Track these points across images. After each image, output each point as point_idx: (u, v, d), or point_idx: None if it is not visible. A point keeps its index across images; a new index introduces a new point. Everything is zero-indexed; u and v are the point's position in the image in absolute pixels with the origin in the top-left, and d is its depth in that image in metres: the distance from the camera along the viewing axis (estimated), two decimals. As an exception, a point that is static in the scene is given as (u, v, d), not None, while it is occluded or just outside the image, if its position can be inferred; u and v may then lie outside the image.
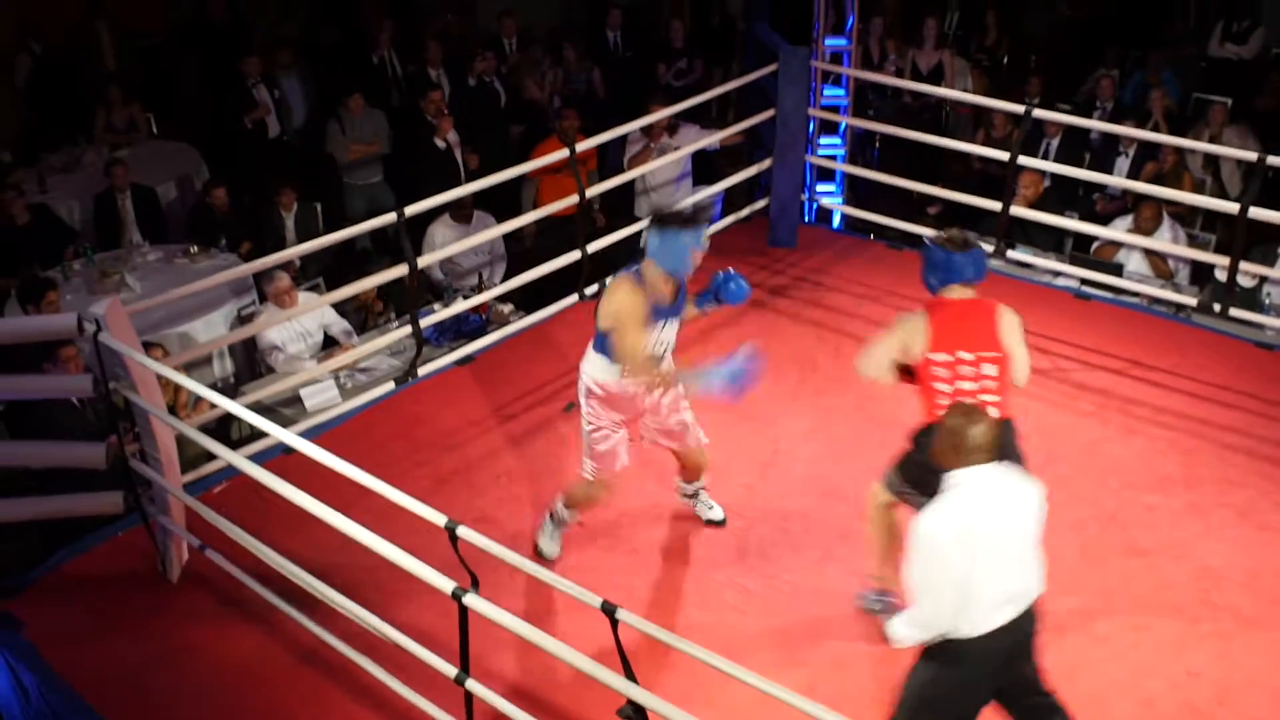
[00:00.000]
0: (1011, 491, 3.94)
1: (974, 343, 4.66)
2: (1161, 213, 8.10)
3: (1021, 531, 3.95)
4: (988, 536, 3.86)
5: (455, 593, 3.98)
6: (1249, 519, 5.85)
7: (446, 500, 5.95)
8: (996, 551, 3.87)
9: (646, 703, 3.61)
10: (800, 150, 8.29)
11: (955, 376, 4.65)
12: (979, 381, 4.65)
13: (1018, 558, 3.95)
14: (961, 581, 3.83)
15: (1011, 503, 3.93)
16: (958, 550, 3.82)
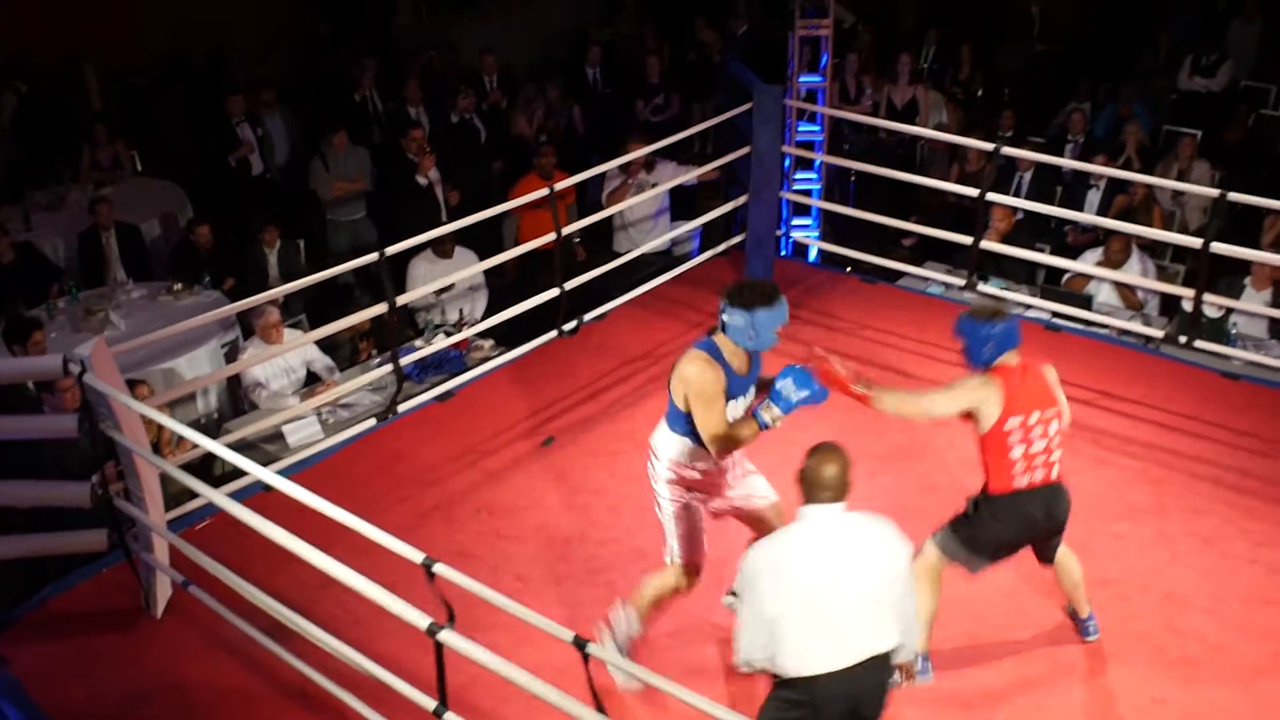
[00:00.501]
0: (855, 538, 3.90)
1: (1042, 401, 4.78)
2: (1130, 245, 8.25)
3: (859, 580, 3.84)
4: (806, 576, 3.82)
5: (430, 629, 4.06)
6: (1214, 546, 5.97)
7: (427, 535, 6.05)
8: (815, 593, 3.81)
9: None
10: (775, 186, 8.43)
11: (1028, 439, 4.74)
12: (1047, 439, 4.79)
13: (849, 605, 3.84)
14: (770, 617, 3.82)
15: (851, 549, 3.87)
16: (768, 583, 3.84)
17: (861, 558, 3.88)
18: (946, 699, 5.04)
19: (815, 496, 3.92)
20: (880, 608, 3.89)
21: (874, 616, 3.89)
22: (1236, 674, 5.16)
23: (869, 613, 3.87)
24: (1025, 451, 4.74)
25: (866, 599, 3.86)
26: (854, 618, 3.86)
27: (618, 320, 8.07)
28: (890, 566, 3.92)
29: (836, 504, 3.93)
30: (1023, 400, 4.72)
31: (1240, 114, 10.76)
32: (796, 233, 9.29)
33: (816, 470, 3.93)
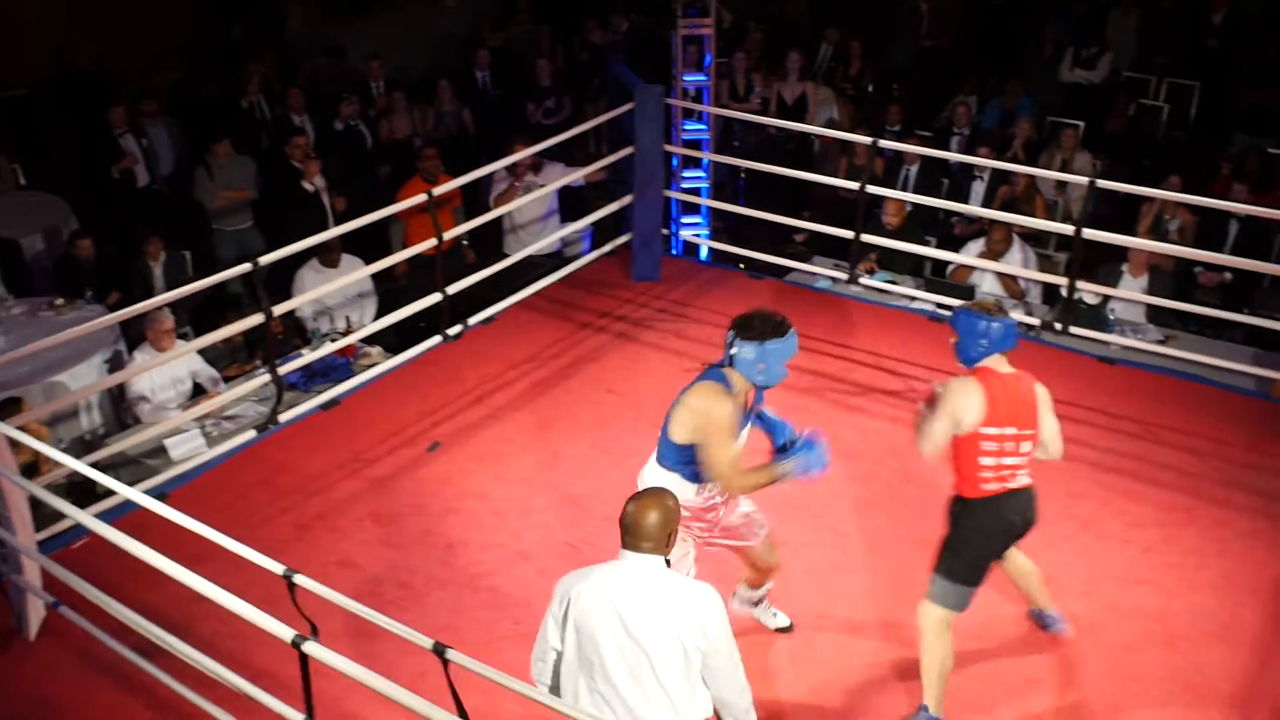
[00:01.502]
0: (664, 600, 3.59)
1: (1021, 419, 4.63)
2: (1011, 235, 8.38)
3: (650, 643, 3.58)
4: (594, 624, 3.62)
5: (295, 640, 4.01)
6: (1090, 529, 6.08)
7: (308, 546, 5.99)
8: (597, 644, 3.63)
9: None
10: (659, 185, 8.45)
11: (1002, 452, 4.62)
12: (1019, 457, 4.67)
13: (628, 668, 3.62)
14: (552, 645, 3.75)
15: (653, 610, 3.58)
16: (557, 611, 3.70)
17: (663, 624, 3.58)
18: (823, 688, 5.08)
19: (633, 545, 3.64)
20: (660, 680, 3.62)
21: (646, 686, 3.63)
22: (1108, 653, 5.26)
23: (642, 681, 3.62)
24: (997, 463, 4.64)
25: (643, 666, 3.61)
26: (626, 681, 3.63)
27: (505, 323, 8.04)
28: (694, 639, 3.60)
29: (655, 556, 3.65)
30: (1005, 412, 4.58)
31: (1120, 104, 10.97)
32: (686, 231, 9.33)
33: (636, 517, 3.65)
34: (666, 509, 3.69)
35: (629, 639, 3.60)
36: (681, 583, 3.71)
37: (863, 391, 7.29)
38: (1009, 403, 4.59)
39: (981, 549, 4.77)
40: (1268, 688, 5.05)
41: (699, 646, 3.62)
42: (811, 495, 6.21)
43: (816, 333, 7.88)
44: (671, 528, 3.71)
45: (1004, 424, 4.58)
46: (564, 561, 5.83)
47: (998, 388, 4.59)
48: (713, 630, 3.62)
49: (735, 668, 3.73)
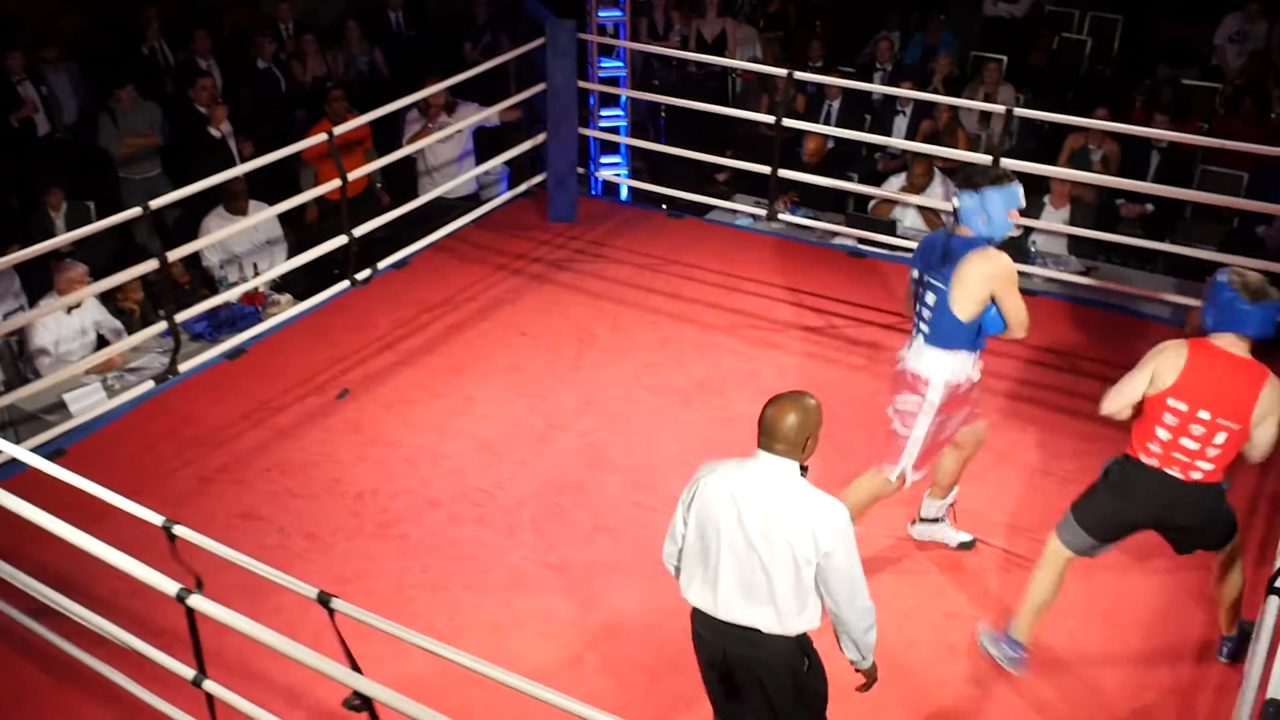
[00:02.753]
0: (785, 505, 3.52)
1: (1221, 406, 4.22)
2: (932, 169, 8.28)
3: (758, 546, 3.53)
4: (711, 513, 3.60)
5: (180, 594, 3.84)
6: (1009, 460, 6.02)
7: (211, 498, 5.81)
8: (710, 533, 3.61)
9: (371, 692, 3.53)
10: (573, 123, 8.25)
11: (1181, 432, 4.28)
12: (1204, 445, 4.27)
13: (733, 564, 3.59)
14: (679, 532, 3.73)
15: (771, 513, 3.52)
16: (687, 499, 3.70)
17: (777, 528, 3.52)
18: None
19: (767, 445, 3.57)
20: (770, 584, 3.55)
21: (753, 588, 3.58)
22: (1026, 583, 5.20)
23: (750, 583, 3.58)
24: (1171, 441, 4.31)
25: (755, 568, 3.56)
26: (732, 578, 3.60)
27: (419, 267, 7.84)
28: (806, 549, 3.50)
29: (788, 460, 3.57)
30: (1200, 390, 4.24)
31: (1043, 38, 10.89)
32: (605, 171, 9.15)
33: (774, 417, 3.57)
34: (806, 412, 3.61)
35: (743, 537, 3.56)
36: (808, 492, 3.57)
37: (782, 328, 7.17)
38: (1213, 384, 4.23)
39: (1113, 510, 4.52)
40: (1183, 614, 5.03)
41: (810, 558, 3.53)
42: (729, 432, 6.13)
43: (736, 270, 7.79)
44: (810, 433, 3.61)
45: (1196, 403, 4.23)
46: (476, 508, 5.72)
47: (1206, 361, 4.25)
48: (828, 543, 3.51)
49: (854, 588, 3.61)
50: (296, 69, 10.30)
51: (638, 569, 5.24)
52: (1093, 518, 4.55)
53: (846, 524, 3.55)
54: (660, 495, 5.55)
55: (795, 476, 3.58)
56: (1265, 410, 4.23)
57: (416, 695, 3.42)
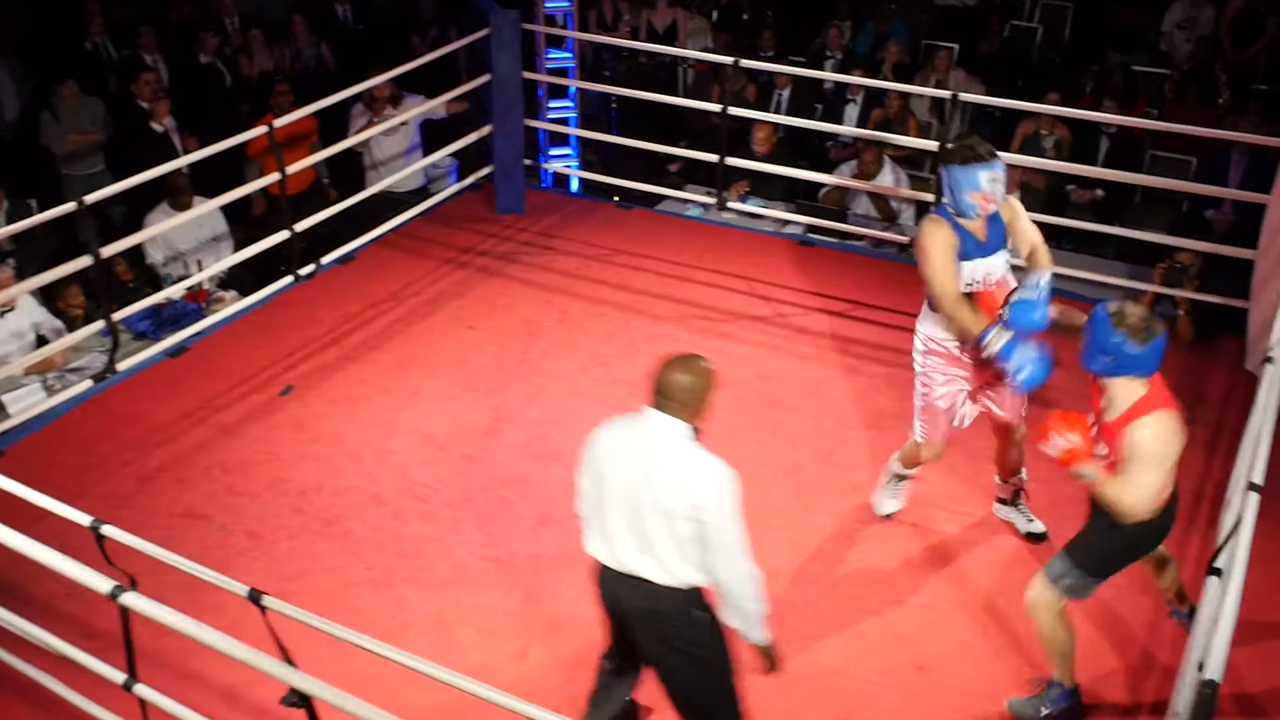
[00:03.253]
0: (673, 461, 3.58)
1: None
2: (882, 156, 8.26)
3: (648, 498, 3.60)
4: (604, 465, 3.70)
5: (113, 592, 3.75)
6: (958, 446, 5.93)
7: (152, 498, 5.72)
8: (604, 485, 3.70)
9: (307, 688, 3.46)
10: (519, 115, 8.18)
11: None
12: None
13: (624, 515, 3.67)
14: (580, 483, 3.83)
15: (660, 467, 3.58)
16: (584, 452, 3.79)
17: (656, 482, 3.57)
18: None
19: (656, 402, 3.62)
20: (662, 538, 3.62)
21: (641, 538, 3.66)
22: (979, 569, 5.21)
23: (638, 533, 3.66)
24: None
25: (640, 519, 3.64)
26: (623, 529, 3.69)
27: (365, 262, 7.76)
28: (681, 508, 3.55)
29: (677, 420, 3.60)
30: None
31: (994, 25, 10.89)
32: (555, 162, 9.08)
33: (664, 375, 3.62)
34: (697, 375, 3.63)
35: (628, 489, 3.65)
36: (692, 451, 3.60)
37: (731, 318, 7.13)
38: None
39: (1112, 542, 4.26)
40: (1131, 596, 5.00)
41: (685, 514, 3.56)
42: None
43: (686, 260, 7.75)
44: (702, 396, 3.62)
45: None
46: (421, 504, 5.65)
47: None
48: (703, 503, 3.54)
49: (731, 551, 3.61)
50: (243, 63, 10.19)
51: (583, 562, 5.06)
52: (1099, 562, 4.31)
53: (725, 486, 3.57)
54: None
55: (681, 435, 3.62)
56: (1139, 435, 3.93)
57: (359, 692, 3.36)
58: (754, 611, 3.73)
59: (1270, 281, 6.14)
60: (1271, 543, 4.76)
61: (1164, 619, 4.90)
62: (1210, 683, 2.99)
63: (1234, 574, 3.46)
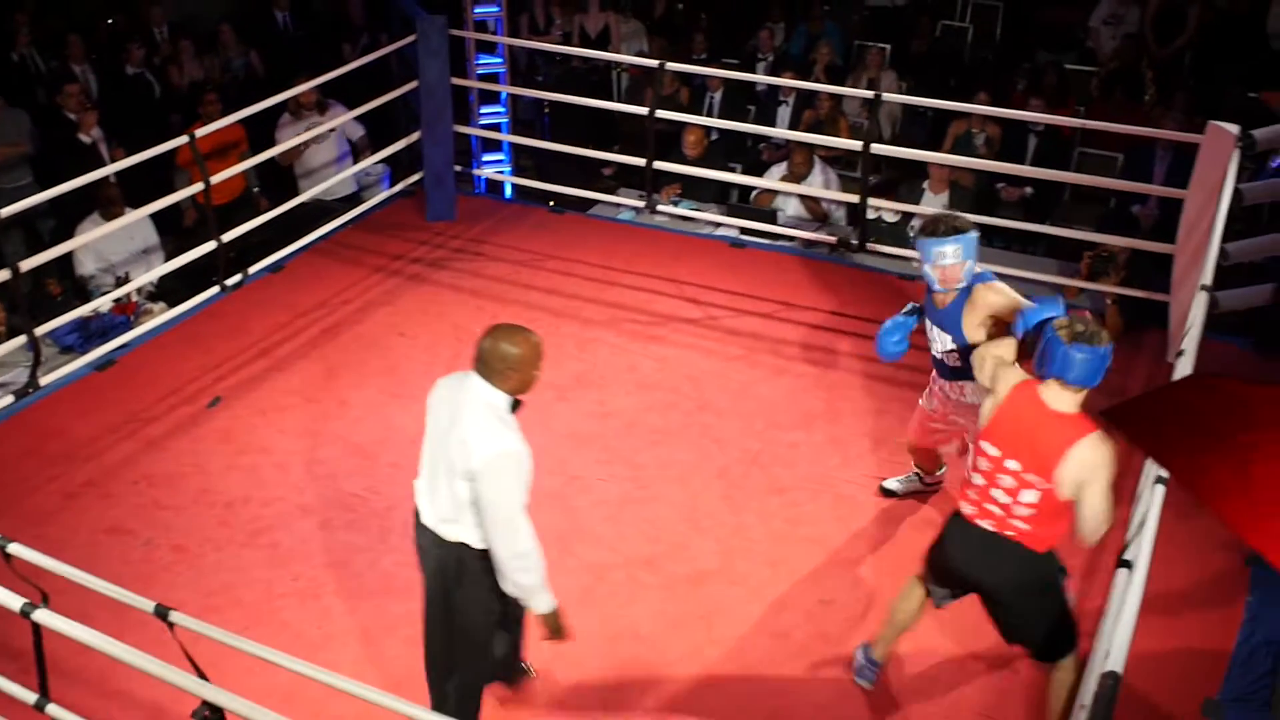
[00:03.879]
0: (468, 421, 3.74)
1: (1028, 458, 3.88)
2: (813, 158, 8.31)
3: (446, 457, 3.81)
4: (431, 420, 3.93)
5: (24, 609, 3.72)
6: (885, 445, 6.04)
7: (76, 514, 5.64)
8: (427, 439, 3.95)
9: (221, 702, 3.44)
10: (449, 121, 8.15)
11: (992, 481, 3.97)
12: (1013, 500, 3.94)
13: (431, 470, 3.93)
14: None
15: (459, 426, 3.76)
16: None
17: (454, 438, 3.77)
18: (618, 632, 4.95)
19: (476, 367, 3.79)
20: (447, 494, 3.84)
21: (438, 495, 3.90)
22: (901, 567, 5.17)
23: (436, 488, 3.90)
24: (985, 487, 4.01)
25: (438, 475, 3.87)
26: (428, 482, 3.95)
27: (296, 271, 7.70)
28: (465, 467, 3.73)
29: (491, 386, 3.76)
30: (1013, 436, 3.91)
31: (924, 25, 10.96)
32: (487, 168, 9.07)
33: (483, 342, 3.78)
34: (517, 344, 3.75)
35: (436, 443, 3.88)
36: (488, 420, 3.74)
37: (662, 321, 7.14)
38: (1024, 431, 3.90)
39: (936, 556, 4.31)
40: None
41: (464, 477, 3.73)
42: (605, 426, 6.11)
43: (616, 264, 7.76)
44: (515, 366, 3.75)
45: (1005, 449, 3.92)
46: (348, 513, 5.62)
47: (1024, 408, 3.92)
48: (478, 470, 3.69)
49: (500, 525, 3.76)
50: (172, 73, 10.09)
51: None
52: (929, 560, 4.37)
53: (503, 461, 3.70)
54: (534, 493, 5.48)
55: (490, 400, 3.77)
56: (1078, 474, 3.79)
57: (284, 706, 3.36)
58: (526, 584, 3.87)
59: (1188, 275, 6.22)
60: (1178, 535, 4.84)
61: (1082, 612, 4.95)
62: (1112, 674, 3.03)
63: (1139, 566, 3.51)
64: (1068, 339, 3.78)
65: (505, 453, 3.70)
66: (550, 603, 3.95)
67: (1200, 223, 6.09)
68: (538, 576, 3.86)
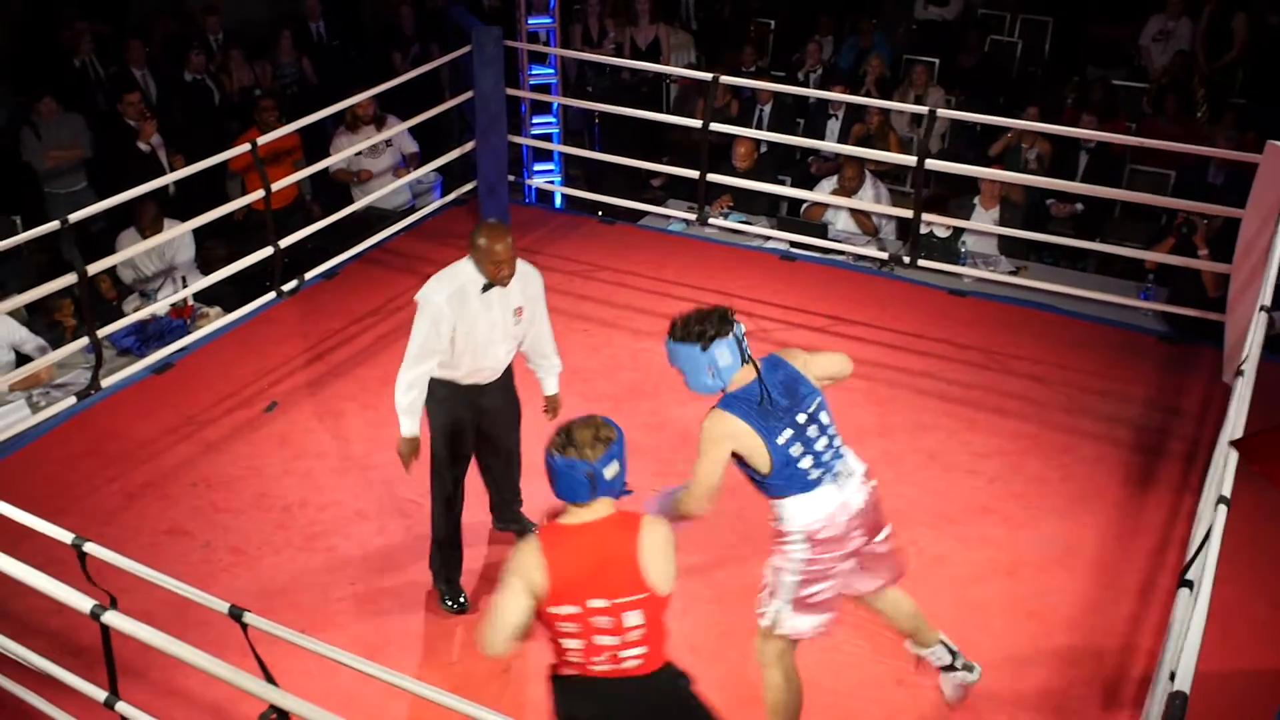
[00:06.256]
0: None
1: (609, 586, 3.36)
2: (863, 171, 8.32)
3: None
4: None
5: (94, 611, 3.79)
6: (937, 460, 6.04)
7: (136, 515, 5.73)
8: None
9: (288, 706, 3.49)
10: (502, 131, 8.22)
11: (589, 630, 3.36)
12: (621, 635, 3.37)
13: None
14: None
15: None
16: None
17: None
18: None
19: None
20: None
21: None
22: (954, 585, 5.22)
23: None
24: (587, 646, 3.40)
25: None
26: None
27: (350, 278, 7.78)
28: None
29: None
30: (577, 583, 3.35)
31: (972, 40, 10.97)
32: (538, 178, 9.13)
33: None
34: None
35: None
36: (441, 274, 4.85)
37: (714, 333, 7.16)
38: (584, 567, 3.37)
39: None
40: (1107, 608, 5.05)
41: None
42: (659, 438, 6.12)
43: (668, 275, 7.79)
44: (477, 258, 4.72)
45: (579, 598, 3.34)
46: (404, 519, 5.68)
47: (567, 549, 3.39)
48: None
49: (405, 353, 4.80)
50: (225, 80, 10.21)
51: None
52: None
53: (421, 303, 4.80)
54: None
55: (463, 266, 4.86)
56: (651, 554, 3.40)
57: (343, 710, 3.39)
58: (396, 404, 4.86)
59: (1245, 294, 6.19)
60: (1240, 555, 4.82)
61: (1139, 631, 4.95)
62: (1180, 694, 3.03)
63: (1203, 586, 3.51)
64: (561, 453, 3.43)
65: (423, 297, 4.71)
66: (406, 430, 4.87)
67: (1258, 242, 6.06)
68: (403, 402, 4.82)
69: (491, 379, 5.02)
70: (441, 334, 4.71)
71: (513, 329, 4.95)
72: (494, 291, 4.78)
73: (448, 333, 4.72)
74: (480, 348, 4.85)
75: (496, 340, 4.88)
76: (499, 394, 5.10)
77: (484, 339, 4.83)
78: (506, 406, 5.21)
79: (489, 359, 4.92)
